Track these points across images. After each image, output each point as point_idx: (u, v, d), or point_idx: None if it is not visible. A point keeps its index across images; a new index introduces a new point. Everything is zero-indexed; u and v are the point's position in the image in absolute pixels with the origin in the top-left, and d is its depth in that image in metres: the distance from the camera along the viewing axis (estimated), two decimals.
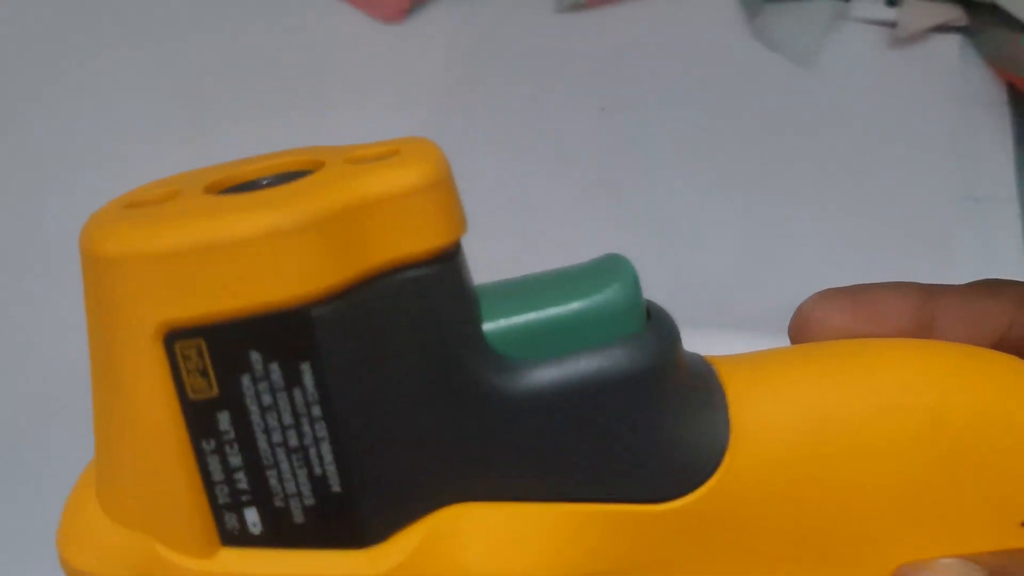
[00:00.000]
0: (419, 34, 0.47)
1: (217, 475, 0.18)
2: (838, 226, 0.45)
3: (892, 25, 0.50)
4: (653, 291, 0.46)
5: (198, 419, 0.17)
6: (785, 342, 0.42)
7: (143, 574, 0.18)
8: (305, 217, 0.17)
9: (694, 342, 0.39)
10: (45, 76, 0.45)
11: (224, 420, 0.18)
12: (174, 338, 0.17)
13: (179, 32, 0.46)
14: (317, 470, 0.18)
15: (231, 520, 0.18)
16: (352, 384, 0.18)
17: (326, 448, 0.18)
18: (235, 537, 0.18)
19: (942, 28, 0.50)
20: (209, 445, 0.18)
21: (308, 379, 0.17)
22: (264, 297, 0.17)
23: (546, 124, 0.46)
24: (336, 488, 0.18)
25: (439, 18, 0.48)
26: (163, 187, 0.19)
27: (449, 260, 0.18)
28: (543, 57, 0.47)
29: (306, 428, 0.18)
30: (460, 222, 0.19)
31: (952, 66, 0.49)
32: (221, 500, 0.18)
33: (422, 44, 0.47)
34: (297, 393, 0.17)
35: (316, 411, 0.18)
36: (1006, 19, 0.47)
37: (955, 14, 0.50)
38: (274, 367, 0.17)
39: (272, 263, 0.17)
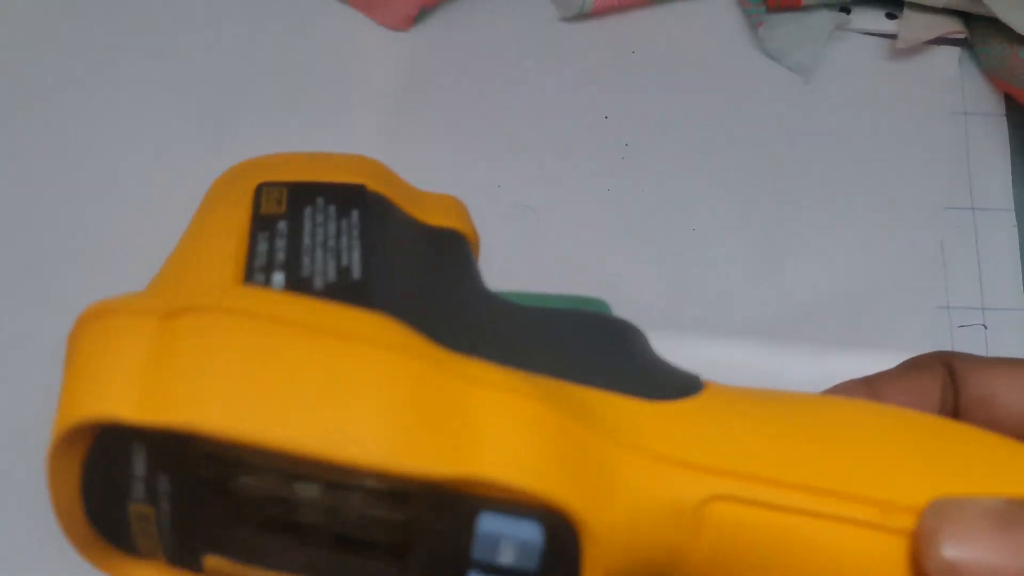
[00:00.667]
0: (426, 42, 0.48)
1: (261, 249, 0.21)
2: (836, 234, 0.45)
3: (892, 37, 0.50)
4: (653, 297, 0.47)
5: (262, 222, 0.22)
6: (783, 345, 0.43)
7: (162, 305, 0.20)
8: (375, 162, 0.25)
9: (694, 346, 0.40)
10: (54, 79, 0.45)
11: (282, 225, 0.22)
12: (263, 187, 0.23)
13: (185, 38, 0.46)
14: (344, 262, 0.21)
15: (259, 277, 0.21)
16: (388, 234, 0.22)
17: (356, 251, 0.21)
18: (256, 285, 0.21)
19: (942, 40, 0.50)
20: (263, 235, 0.22)
21: (355, 217, 0.22)
22: (338, 176, 0.23)
23: (551, 132, 0.46)
24: (356, 275, 0.21)
25: (445, 26, 0.48)
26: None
27: (463, 238, 0.26)
28: (548, 65, 0.48)
29: (344, 240, 0.22)
30: (469, 229, 0.27)
31: (951, 78, 0.50)
32: (256, 264, 0.21)
33: (428, 52, 0.47)
34: (344, 223, 0.22)
35: (355, 233, 0.22)
36: (1005, 32, 0.48)
37: (955, 26, 0.50)
38: (332, 208, 0.22)
39: (347, 163, 0.24)
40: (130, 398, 0.18)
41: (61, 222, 0.42)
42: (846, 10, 0.51)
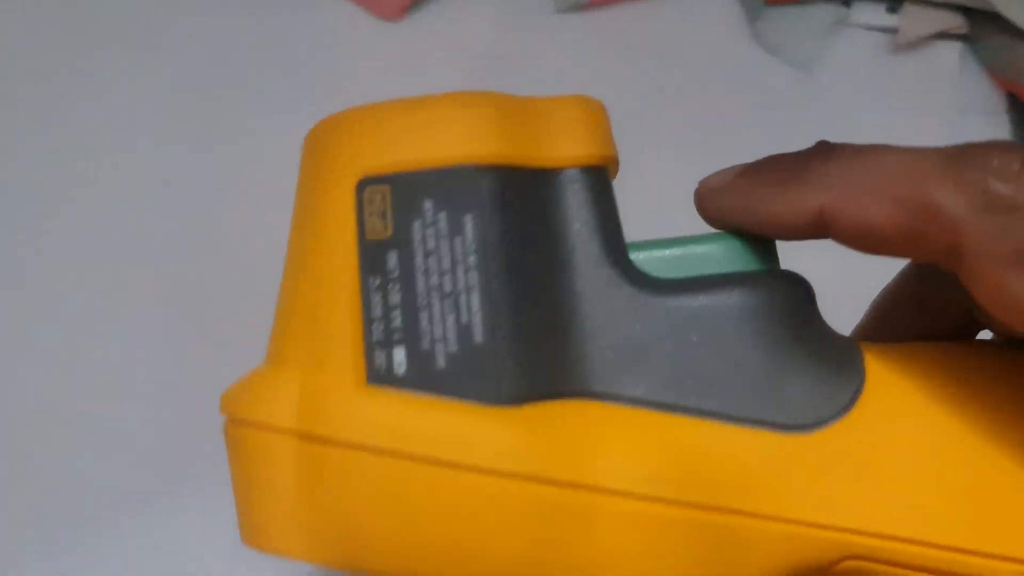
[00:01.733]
0: (419, 32, 0.47)
1: (377, 311, 0.20)
2: None
3: (893, 31, 0.50)
4: None
5: (370, 256, 0.20)
6: None
7: (295, 410, 0.20)
8: (484, 97, 0.21)
9: None
10: (42, 73, 0.45)
11: (392, 259, 0.20)
12: (366, 184, 0.21)
13: (176, 29, 0.46)
14: (464, 318, 0.20)
15: (380, 358, 0.20)
16: (507, 245, 0.20)
17: (475, 298, 0.20)
18: (381, 376, 0.20)
19: (942, 35, 0.50)
20: (375, 281, 0.20)
21: (469, 229, 0.20)
22: (444, 152, 0.20)
23: None
24: (478, 339, 0.20)
25: (439, 17, 0.48)
26: None
27: (600, 174, 0.22)
28: (543, 57, 0.47)
29: (460, 275, 0.20)
30: (610, 148, 0.23)
31: (952, 73, 0.49)
32: (375, 336, 0.20)
33: (421, 42, 0.47)
34: (458, 241, 0.20)
35: (471, 260, 0.20)
36: (1007, 27, 0.47)
37: (956, 21, 0.50)
38: (442, 216, 0.20)
39: (452, 124, 0.20)
40: (297, 538, 0.20)
41: (54, 219, 0.41)
42: (846, 4, 0.50)
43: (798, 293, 0.22)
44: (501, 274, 0.20)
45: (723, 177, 0.23)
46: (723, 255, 0.22)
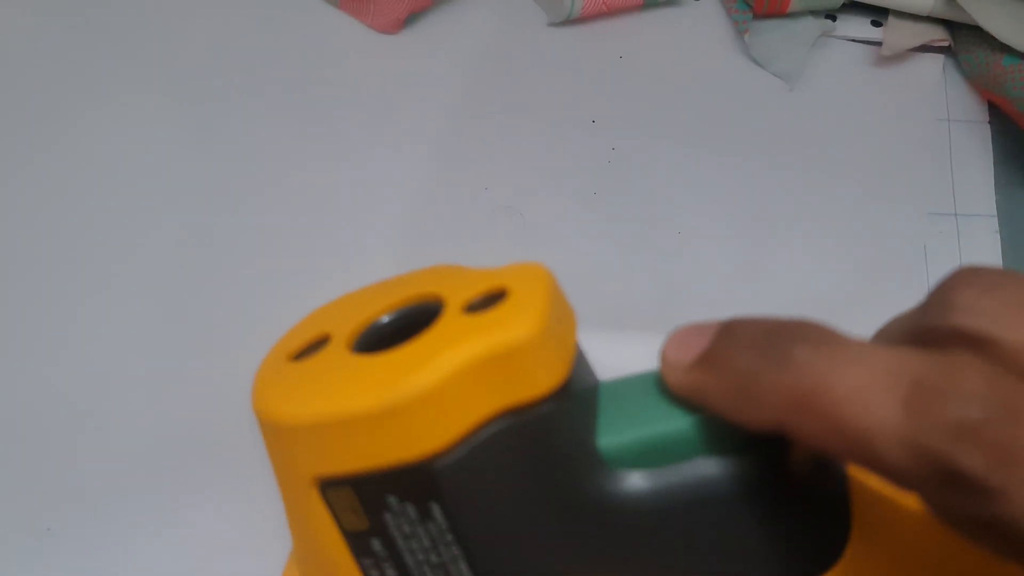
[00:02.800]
0: (415, 45, 0.48)
1: None
2: (820, 239, 0.46)
3: (877, 44, 0.51)
4: (636, 299, 0.47)
5: (357, 543, 0.21)
6: None
7: None
8: (424, 389, 0.19)
9: None
10: (43, 81, 0.45)
11: (376, 544, 0.21)
12: (327, 486, 0.21)
13: (175, 41, 0.46)
14: None
15: None
16: (477, 512, 0.20)
17: (463, 565, 0.21)
18: None
19: (926, 48, 0.51)
20: (368, 561, 0.21)
21: (438, 513, 0.20)
22: (394, 457, 0.20)
23: (538, 135, 0.46)
24: None
25: (434, 30, 0.48)
26: (315, 327, 0.23)
27: (559, 398, 0.20)
28: (536, 69, 0.48)
29: (443, 549, 0.21)
30: (567, 359, 0.21)
31: (935, 85, 0.50)
32: None
33: (417, 55, 0.48)
34: (431, 525, 0.20)
35: (449, 537, 0.21)
36: (989, 41, 0.48)
37: (939, 34, 0.50)
38: (409, 506, 0.20)
39: (397, 433, 0.19)
40: None
41: (54, 220, 0.42)
42: (832, 17, 0.51)
43: (772, 461, 0.21)
44: (481, 538, 0.21)
45: (680, 358, 0.21)
46: (695, 437, 0.21)
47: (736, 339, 0.20)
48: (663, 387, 0.22)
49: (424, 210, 0.44)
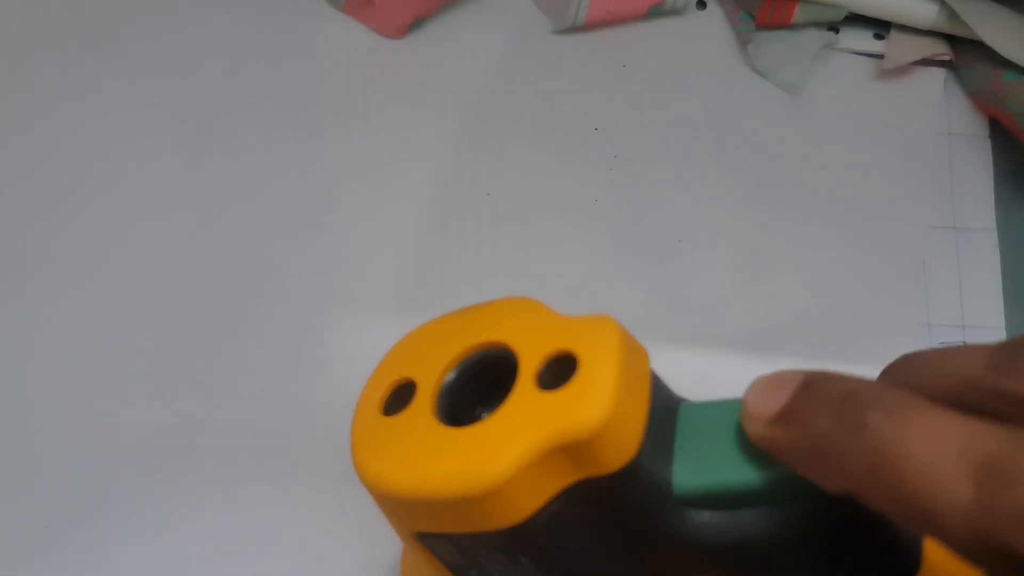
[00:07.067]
0: (419, 51, 0.48)
1: None
2: (820, 250, 0.46)
3: (879, 57, 0.51)
4: (638, 307, 0.47)
5: (457, 571, 0.23)
6: (766, 359, 0.43)
7: None
8: (503, 479, 0.20)
9: (676, 358, 0.40)
10: (43, 83, 0.45)
11: (475, 573, 0.23)
12: (424, 537, 0.23)
13: (179, 45, 0.47)
14: None
15: None
16: (560, 557, 0.22)
17: None
18: None
19: (927, 62, 0.51)
20: None
21: (526, 561, 0.22)
22: (479, 528, 0.21)
23: (540, 142, 0.46)
24: None
25: (439, 36, 0.49)
26: (398, 369, 0.24)
27: (631, 469, 0.21)
28: (540, 76, 0.48)
29: None
30: (638, 432, 0.21)
31: (936, 99, 0.50)
32: None
33: (422, 61, 0.48)
34: (521, 569, 0.22)
35: (538, 574, 0.22)
36: (989, 56, 0.48)
37: (941, 49, 0.51)
38: (499, 557, 0.22)
39: (481, 511, 0.21)
40: None
41: (55, 226, 0.42)
42: (834, 29, 0.51)
43: (850, 509, 0.20)
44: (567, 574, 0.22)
45: (760, 411, 0.21)
46: (773, 489, 0.21)
47: (815, 398, 0.20)
48: (742, 431, 0.22)
49: (425, 215, 0.44)
